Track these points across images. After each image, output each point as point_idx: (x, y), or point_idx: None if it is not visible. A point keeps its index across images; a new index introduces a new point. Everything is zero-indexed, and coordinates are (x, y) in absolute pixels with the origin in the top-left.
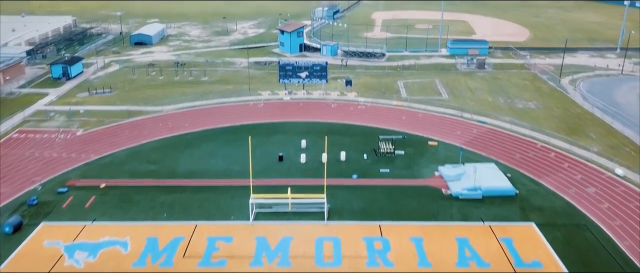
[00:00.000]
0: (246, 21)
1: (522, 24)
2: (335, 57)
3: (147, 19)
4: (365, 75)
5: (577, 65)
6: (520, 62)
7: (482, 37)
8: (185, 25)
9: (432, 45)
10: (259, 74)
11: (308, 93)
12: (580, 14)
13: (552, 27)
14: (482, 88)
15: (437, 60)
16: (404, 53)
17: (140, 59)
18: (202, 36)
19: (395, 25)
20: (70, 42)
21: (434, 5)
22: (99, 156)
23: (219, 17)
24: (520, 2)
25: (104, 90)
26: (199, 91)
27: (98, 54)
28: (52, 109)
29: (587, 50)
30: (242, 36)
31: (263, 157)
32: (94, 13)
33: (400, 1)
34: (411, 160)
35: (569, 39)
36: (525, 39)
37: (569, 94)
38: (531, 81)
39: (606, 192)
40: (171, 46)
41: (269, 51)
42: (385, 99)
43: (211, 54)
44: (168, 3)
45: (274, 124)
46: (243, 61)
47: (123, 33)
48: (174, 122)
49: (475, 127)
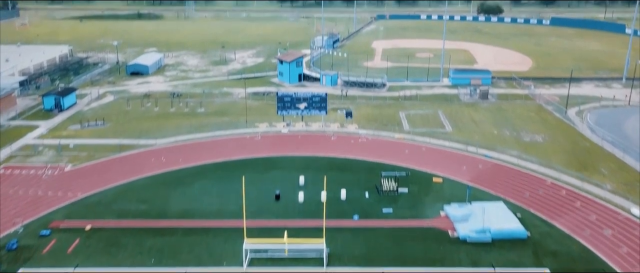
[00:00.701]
0: (245, 50)
1: (524, 52)
2: (335, 87)
3: (146, 48)
4: (366, 105)
5: (582, 96)
6: (524, 93)
7: (484, 66)
8: (183, 55)
9: (434, 75)
10: (257, 105)
11: (307, 125)
12: (582, 42)
13: (555, 56)
14: (486, 120)
15: (439, 90)
16: (405, 83)
17: (135, 90)
18: (200, 66)
19: (395, 54)
20: (65, 72)
21: (433, 34)
22: (87, 194)
23: (217, 46)
24: (521, 30)
25: (97, 122)
26: (194, 123)
27: (93, 85)
28: (41, 143)
29: (591, 80)
30: (241, 65)
31: (259, 195)
32: (92, 42)
33: (400, 30)
34: (415, 198)
35: (572, 69)
36: (528, 68)
37: (576, 126)
38: (536, 112)
39: (624, 234)
40: (168, 76)
41: (268, 81)
42: (387, 131)
43: (208, 84)
44: (167, 32)
45: (271, 159)
46: (241, 92)
47: (119, 62)
48: (167, 157)
49: (481, 162)
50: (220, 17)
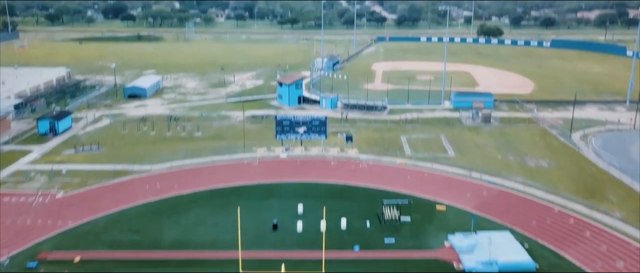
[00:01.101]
0: (244, 72)
1: (526, 75)
2: (335, 110)
3: (144, 70)
4: (366, 129)
5: (586, 119)
6: (527, 116)
7: (486, 89)
8: (182, 77)
9: (435, 98)
10: (255, 129)
11: (306, 149)
12: (584, 64)
13: (557, 79)
14: (489, 144)
15: (441, 113)
16: (406, 106)
17: (132, 113)
18: (199, 88)
19: (396, 76)
20: (62, 94)
21: (434, 56)
22: (77, 223)
23: (217, 68)
24: (522, 52)
25: (91, 147)
26: (191, 148)
27: (89, 108)
28: (33, 169)
29: (595, 103)
30: (240, 88)
31: (255, 225)
32: (90, 64)
33: (400, 52)
34: (418, 228)
35: (575, 91)
36: (530, 91)
37: (582, 151)
38: (541, 136)
39: (637, 267)
40: (166, 99)
41: (267, 104)
42: (389, 156)
43: (207, 107)
44: (166, 54)
45: (269, 186)
46: (239, 115)
47: (117, 85)
48: (162, 184)
49: (486, 189)
50: (220, 39)
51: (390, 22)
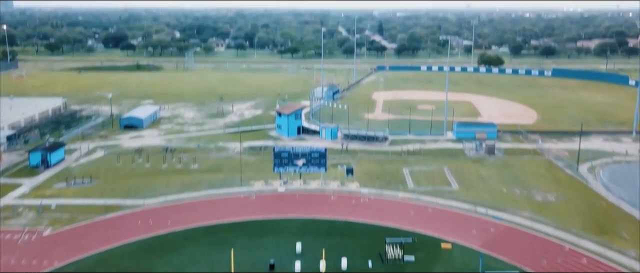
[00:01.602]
0: (243, 102)
1: (528, 104)
2: (335, 141)
3: (142, 100)
4: (367, 161)
5: (593, 151)
6: (531, 147)
7: (489, 119)
8: (180, 107)
9: (437, 128)
10: (253, 161)
11: (305, 183)
12: (587, 94)
13: (560, 108)
14: (494, 177)
15: (444, 144)
16: (407, 136)
17: (128, 144)
18: (197, 118)
19: (396, 106)
20: (57, 125)
21: (435, 85)
22: (64, 263)
23: (215, 97)
24: (523, 81)
25: (84, 180)
26: (186, 181)
27: (84, 139)
28: (22, 204)
29: (600, 134)
30: (239, 118)
31: (252, 265)
32: (88, 94)
33: (400, 81)
34: (423, 268)
35: (579, 121)
36: (533, 121)
37: (590, 184)
38: (547, 169)
39: None
40: (163, 129)
41: (266, 134)
42: (391, 189)
43: (204, 138)
44: (165, 83)
45: (266, 222)
46: (237, 146)
47: (114, 115)
48: (155, 219)
49: (492, 225)
50: (220, 68)
51: (390, 51)
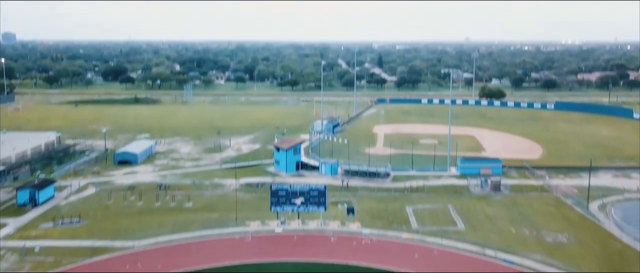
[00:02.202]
0: (241, 136)
1: (533, 139)
2: (335, 177)
3: (138, 134)
4: (369, 199)
5: (602, 187)
6: (538, 184)
7: (493, 154)
8: (176, 141)
9: (440, 164)
10: (249, 199)
11: (304, 223)
12: (591, 127)
13: (565, 143)
14: (501, 216)
15: (448, 180)
16: (410, 172)
17: (121, 181)
18: (193, 153)
19: (398, 140)
20: (49, 161)
21: (436, 118)
22: None
23: (213, 131)
24: (526, 114)
25: (72, 219)
26: (179, 221)
27: (76, 175)
28: (5, 245)
29: (609, 170)
30: (236, 153)
31: None
32: (83, 128)
33: (401, 114)
34: None
35: (587, 157)
36: (539, 156)
37: (602, 223)
38: (556, 207)
39: None
40: (158, 165)
41: (263, 170)
42: (394, 230)
43: (200, 174)
44: (162, 117)
45: (262, 266)
46: (233, 183)
47: (108, 150)
48: (145, 263)
49: (502, 269)
50: (219, 101)
51: (390, 83)
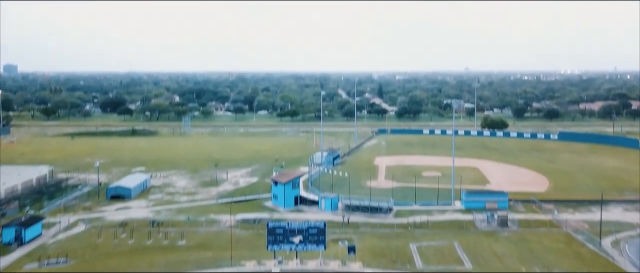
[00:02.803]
0: (239, 169)
1: (538, 170)
2: (336, 212)
3: (134, 167)
4: (371, 235)
5: (614, 222)
6: (547, 218)
7: (498, 186)
8: (172, 175)
9: (444, 197)
10: (246, 236)
11: (302, 262)
12: (597, 158)
13: (572, 175)
14: (510, 254)
15: (452, 215)
16: (413, 207)
17: (112, 217)
18: (189, 187)
19: (400, 172)
20: (39, 196)
21: (438, 150)
22: None
23: (210, 164)
24: (530, 145)
25: (58, 260)
26: (171, 260)
27: (66, 211)
28: None
29: (619, 203)
30: (233, 187)
31: None
32: (78, 161)
33: (403, 145)
34: None
35: (595, 189)
36: (545, 189)
37: (617, 262)
38: (567, 243)
39: None
40: (152, 200)
41: (261, 205)
42: (397, 270)
43: (195, 209)
44: (159, 149)
45: None
46: (229, 219)
47: (101, 184)
48: None
49: None
50: (217, 133)
51: (391, 113)
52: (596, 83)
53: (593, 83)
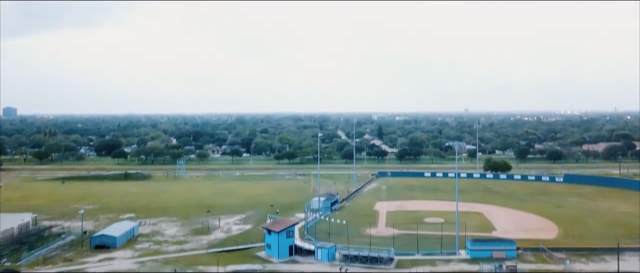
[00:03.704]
0: (232, 215)
1: (546, 216)
2: (333, 263)
3: (123, 214)
4: None
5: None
6: (559, 269)
7: (505, 233)
8: (162, 222)
9: (448, 246)
10: None
11: None
12: (607, 203)
13: (582, 220)
14: None
15: (458, 266)
16: (416, 256)
17: (94, 269)
18: (178, 236)
19: (401, 218)
20: (19, 246)
21: (441, 194)
22: None
23: (203, 209)
24: (535, 188)
25: None
26: None
27: (45, 263)
28: None
29: (635, 251)
30: (225, 235)
31: None
32: (65, 207)
33: (404, 189)
34: None
35: (608, 236)
36: (555, 236)
37: None
38: None
39: None
40: (138, 250)
41: (253, 255)
42: None
43: (183, 260)
44: (151, 195)
45: None
46: (219, 271)
47: (86, 233)
48: None
49: None
50: (212, 176)
51: (391, 155)
52: (597, 123)
53: (594, 123)
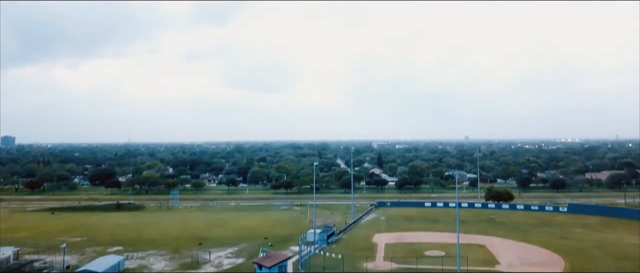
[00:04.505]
0: (225, 248)
1: (551, 248)
2: None
3: (110, 247)
4: None
5: None
6: None
7: (509, 268)
8: (150, 256)
9: None
10: None
11: None
12: (614, 234)
13: (589, 253)
14: None
15: None
16: None
17: None
18: (166, 270)
19: (401, 251)
20: None
21: (441, 225)
22: None
23: (194, 242)
24: (538, 219)
25: None
26: None
27: None
28: None
29: None
30: (215, 269)
31: None
32: (51, 239)
33: (403, 220)
34: None
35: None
36: (561, 271)
37: None
38: None
39: None
40: None
41: None
42: None
43: None
44: (142, 226)
45: None
46: None
47: (69, 268)
48: None
49: None
50: (206, 207)
51: (391, 184)
52: (599, 151)
53: (596, 151)
